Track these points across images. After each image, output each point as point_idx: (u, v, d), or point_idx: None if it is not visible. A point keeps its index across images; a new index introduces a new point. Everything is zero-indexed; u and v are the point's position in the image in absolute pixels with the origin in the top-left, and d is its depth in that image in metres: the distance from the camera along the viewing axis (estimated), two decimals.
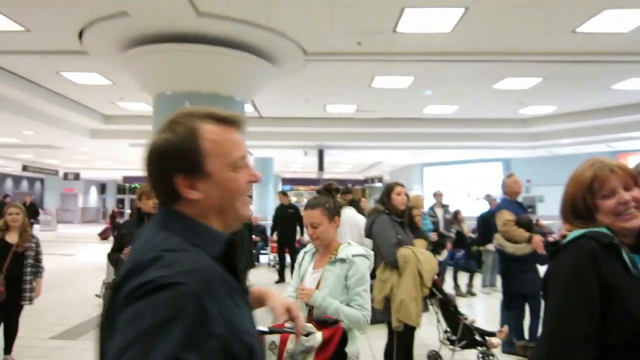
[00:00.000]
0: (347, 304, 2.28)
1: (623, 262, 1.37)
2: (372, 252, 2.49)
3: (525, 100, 9.63)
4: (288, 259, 9.23)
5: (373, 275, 4.43)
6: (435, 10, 5.28)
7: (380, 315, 3.90)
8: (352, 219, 5.50)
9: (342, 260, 2.34)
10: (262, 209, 15.28)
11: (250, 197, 0.99)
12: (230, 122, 1.04)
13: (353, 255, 2.35)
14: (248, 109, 9.87)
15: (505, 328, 4.63)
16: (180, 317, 0.76)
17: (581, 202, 1.50)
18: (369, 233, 3.89)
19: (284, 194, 9.91)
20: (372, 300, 3.86)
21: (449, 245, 8.06)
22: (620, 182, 1.46)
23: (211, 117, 1.01)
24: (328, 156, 15.64)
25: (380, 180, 24.69)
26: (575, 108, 10.57)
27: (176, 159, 0.95)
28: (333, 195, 2.80)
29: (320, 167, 14.85)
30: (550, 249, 1.57)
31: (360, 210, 5.98)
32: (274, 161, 17.17)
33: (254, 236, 9.86)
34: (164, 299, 0.77)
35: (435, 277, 4.10)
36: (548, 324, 1.42)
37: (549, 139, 12.77)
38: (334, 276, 2.34)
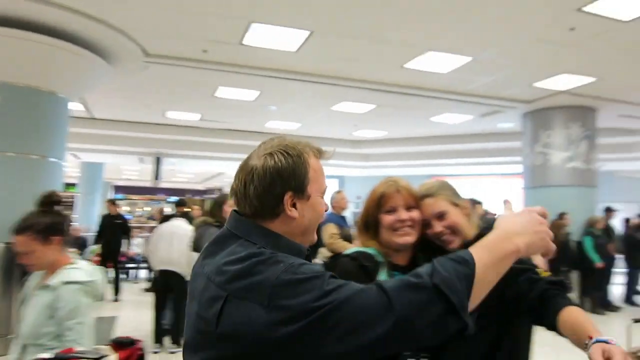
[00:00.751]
0: (60, 337, 1.94)
1: None
2: (98, 279, 2.13)
3: (360, 123, 10.41)
4: (114, 273, 8.51)
5: None
6: (282, 29, 5.41)
7: None
8: (178, 230, 5.29)
9: (49, 287, 1.99)
10: (86, 218, 13.86)
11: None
12: (322, 154, 1.19)
13: (64, 283, 1.97)
14: (76, 107, 8.93)
15: None
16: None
17: (371, 215, 1.63)
18: (196, 246, 3.74)
19: (112, 202, 9.12)
20: None
21: None
22: (403, 202, 1.59)
23: (311, 149, 1.16)
24: (167, 164, 14.91)
25: (220, 191, 24.34)
26: (402, 135, 11.76)
27: (290, 178, 1.09)
28: (53, 208, 2.26)
29: (157, 176, 14.07)
30: (329, 261, 1.71)
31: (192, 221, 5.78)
32: (104, 167, 15.77)
33: None
34: (307, 269, 0.97)
35: None
36: None
37: (379, 161, 13.98)
38: (40, 304, 2.00)
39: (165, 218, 5.77)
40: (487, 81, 7.20)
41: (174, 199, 23.44)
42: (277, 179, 1.09)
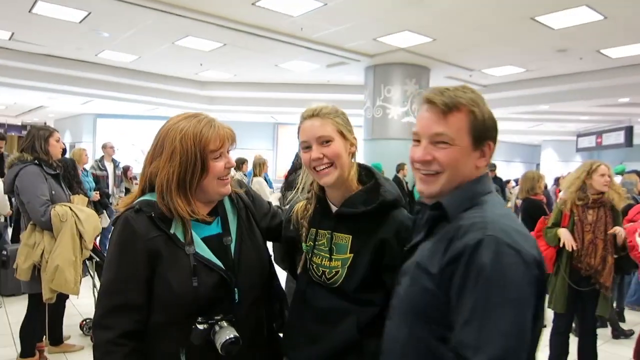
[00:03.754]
0: None
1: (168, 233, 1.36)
2: None
3: (206, 63, 9.81)
4: None
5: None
6: None
7: (28, 287, 3.27)
8: None
9: None
10: None
11: None
12: None
13: None
14: None
15: None
16: None
17: (192, 163, 1.39)
18: (11, 187, 3.15)
19: None
20: (16, 270, 3.19)
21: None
22: (229, 144, 1.43)
23: None
24: None
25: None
26: (249, 79, 11.44)
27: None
28: None
29: None
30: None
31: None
32: None
33: None
34: None
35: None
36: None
37: (224, 104, 13.49)
38: None
39: None
40: (335, 30, 7.24)
41: None
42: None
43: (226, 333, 1.30)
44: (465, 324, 1.00)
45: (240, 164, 7.58)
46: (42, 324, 3.44)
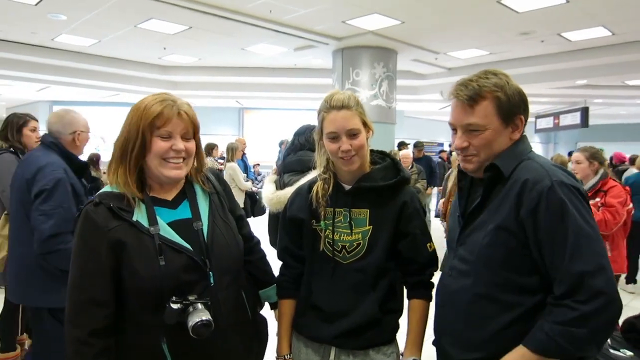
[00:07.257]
0: None
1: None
2: None
3: (170, 47, 9.54)
4: None
5: None
6: None
7: (2, 279, 3.14)
8: None
9: None
10: None
11: None
12: None
13: None
14: None
15: None
16: None
17: (137, 137, 1.36)
18: None
19: None
20: None
21: None
22: (182, 129, 1.38)
23: None
24: None
25: None
26: (214, 63, 11.20)
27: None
28: None
29: None
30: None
31: None
32: None
33: None
34: None
35: None
36: None
37: (188, 89, 13.17)
38: None
39: None
40: (304, 12, 7.16)
41: None
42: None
43: (199, 315, 1.29)
44: (571, 256, 1.18)
45: (210, 149, 7.47)
46: (17, 317, 3.32)
